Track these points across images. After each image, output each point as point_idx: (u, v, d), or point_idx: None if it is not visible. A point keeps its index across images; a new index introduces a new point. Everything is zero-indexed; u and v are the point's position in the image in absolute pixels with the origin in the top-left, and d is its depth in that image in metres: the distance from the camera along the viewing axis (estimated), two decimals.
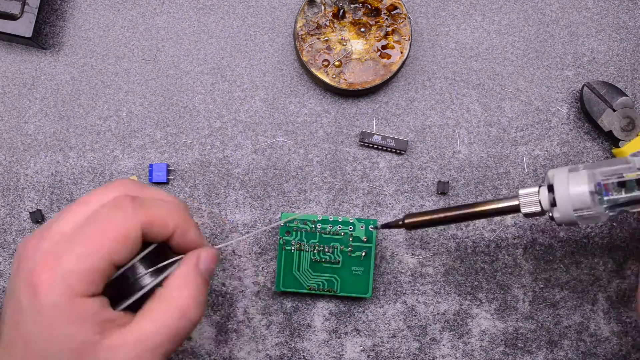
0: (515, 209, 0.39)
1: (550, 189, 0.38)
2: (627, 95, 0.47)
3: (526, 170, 0.48)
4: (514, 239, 0.48)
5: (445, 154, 0.48)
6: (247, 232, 0.47)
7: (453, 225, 0.48)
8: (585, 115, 0.48)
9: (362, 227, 0.46)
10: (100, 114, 0.48)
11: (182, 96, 0.48)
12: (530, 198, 0.39)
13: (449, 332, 0.47)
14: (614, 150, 0.47)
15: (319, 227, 0.46)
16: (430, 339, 0.47)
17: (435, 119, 0.49)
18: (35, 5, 0.45)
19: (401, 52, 0.47)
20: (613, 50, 0.49)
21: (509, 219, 0.48)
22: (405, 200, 0.48)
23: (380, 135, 0.48)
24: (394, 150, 0.48)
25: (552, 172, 0.39)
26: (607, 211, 0.38)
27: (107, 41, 0.49)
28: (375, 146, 0.48)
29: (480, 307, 0.48)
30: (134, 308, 0.35)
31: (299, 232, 0.46)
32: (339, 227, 0.46)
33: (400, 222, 0.42)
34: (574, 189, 0.37)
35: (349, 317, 0.47)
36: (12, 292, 0.34)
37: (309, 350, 0.47)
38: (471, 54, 0.49)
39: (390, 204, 0.48)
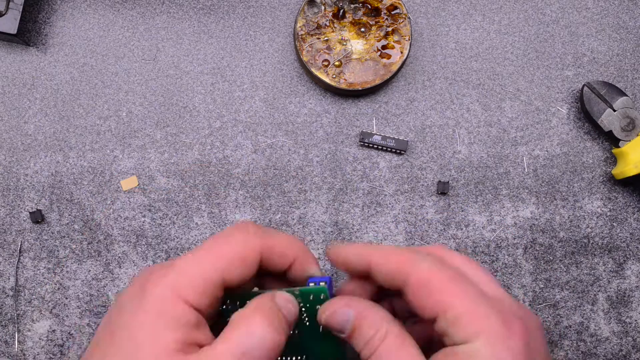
0: None
1: None
2: (627, 95, 0.47)
3: (526, 170, 0.48)
4: (514, 239, 0.48)
5: (445, 154, 0.49)
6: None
7: (453, 225, 0.48)
8: (585, 115, 0.48)
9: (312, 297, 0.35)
10: (100, 114, 0.48)
11: (182, 96, 0.49)
12: None
13: None
14: (614, 150, 0.47)
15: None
16: None
17: (435, 119, 0.49)
18: (20, 2, 0.45)
19: (401, 52, 0.47)
20: (613, 50, 0.49)
21: (508, 219, 0.48)
22: (405, 200, 0.48)
23: (380, 135, 0.48)
24: (394, 150, 0.48)
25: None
26: None
27: (107, 41, 0.49)
28: (375, 146, 0.48)
29: None
30: None
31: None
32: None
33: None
34: None
35: None
36: (117, 299, 0.34)
37: None
38: (471, 54, 0.49)
39: (390, 204, 0.48)
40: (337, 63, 0.47)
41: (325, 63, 0.47)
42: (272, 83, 0.49)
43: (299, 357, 0.37)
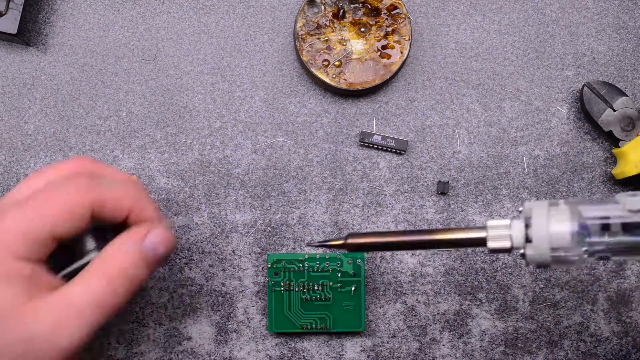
0: (481, 242, 0.34)
1: (526, 224, 0.34)
2: (627, 95, 0.47)
3: (526, 170, 0.48)
4: None
5: (445, 154, 0.48)
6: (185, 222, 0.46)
7: (453, 225, 0.48)
8: (585, 115, 0.48)
9: (349, 262, 0.46)
10: (100, 114, 0.48)
11: (182, 96, 0.48)
12: (500, 232, 0.34)
13: (449, 332, 0.47)
14: (614, 150, 0.47)
15: (306, 265, 0.45)
16: (430, 339, 0.47)
17: (435, 119, 0.49)
18: (20, 2, 0.45)
19: (401, 52, 0.47)
20: (613, 50, 0.49)
21: (508, 219, 0.48)
22: (405, 200, 0.48)
23: (380, 135, 0.48)
24: (394, 150, 0.48)
25: (529, 205, 0.34)
26: (585, 255, 0.33)
27: (107, 41, 0.49)
28: (375, 146, 0.48)
29: (480, 307, 0.48)
30: None
31: (287, 273, 0.46)
32: (327, 264, 0.46)
33: (342, 242, 0.38)
34: (555, 226, 0.32)
35: None
36: None
37: (309, 350, 0.47)
38: (471, 54, 0.49)
39: (390, 204, 0.48)
40: (337, 63, 0.47)
41: (325, 63, 0.47)
42: (272, 83, 0.49)
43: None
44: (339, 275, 0.45)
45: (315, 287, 0.46)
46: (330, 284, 0.46)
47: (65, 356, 0.33)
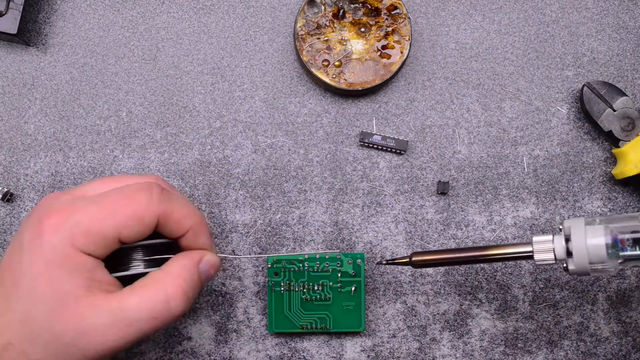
0: (529, 256, 0.39)
1: (566, 239, 0.38)
2: (627, 95, 0.47)
3: (526, 170, 0.48)
4: (514, 239, 0.48)
5: (445, 154, 0.48)
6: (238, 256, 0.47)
7: (453, 225, 0.48)
8: (585, 115, 0.48)
9: (349, 262, 0.46)
10: (100, 114, 0.48)
11: (182, 96, 0.48)
12: (545, 245, 0.39)
13: (449, 332, 0.47)
14: (614, 150, 0.47)
15: (306, 265, 0.45)
16: (430, 339, 0.47)
17: (435, 119, 0.49)
18: (20, 2, 0.45)
19: (401, 52, 0.47)
20: (613, 50, 0.49)
21: (508, 219, 0.48)
22: (405, 200, 0.48)
23: (380, 135, 0.48)
24: (394, 150, 0.48)
25: (568, 223, 0.38)
26: (620, 266, 0.38)
27: (107, 41, 0.49)
28: (375, 146, 0.48)
29: (480, 307, 0.48)
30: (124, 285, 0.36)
31: (287, 273, 0.46)
32: (327, 264, 0.46)
33: (407, 259, 0.41)
34: (592, 241, 0.37)
35: None
36: (18, 233, 0.35)
37: (309, 350, 0.47)
38: (471, 54, 0.49)
39: (390, 204, 0.48)
40: (337, 63, 0.47)
41: (325, 63, 0.47)
42: (272, 83, 0.49)
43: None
44: (339, 275, 0.46)
45: (315, 287, 0.46)
46: (330, 284, 0.46)
47: (106, 355, 0.35)
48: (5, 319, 0.34)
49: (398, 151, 0.48)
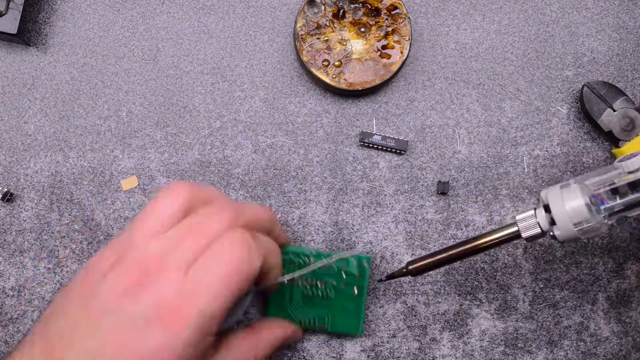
0: (516, 236, 0.39)
1: (547, 209, 0.38)
2: (627, 95, 0.47)
3: (526, 170, 0.48)
4: None
5: (445, 154, 0.48)
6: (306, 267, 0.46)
7: (453, 225, 0.48)
8: (585, 115, 0.48)
9: (355, 263, 0.45)
10: (100, 114, 0.48)
11: (182, 96, 0.49)
12: (529, 221, 0.39)
13: (449, 332, 0.47)
14: (614, 150, 0.47)
15: (312, 261, 0.45)
16: (430, 339, 0.47)
17: (435, 119, 0.49)
18: (20, 2, 0.46)
19: (401, 52, 0.47)
20: (613, 50, 0.49)
21: (508, 219, 0.48)
22: (405, 200, 0.48)
23: (380, 135, 0.48)
24: (394, 150, 0.48)
25: (544, 192, 0.39)
26: (606, 220, 0.38)
27: (107, 41, 0.49)
28: (375, 146, 0.48)
29: (480, 307, 0.48)
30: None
31: (292, 266, 0.45)
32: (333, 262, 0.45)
33: (404, 270, 0.42)
34: (570, 203, 0.37)
35: None
36: (122, 309, 0.33)
37: (309, 350, 0.47)
38: (471, 54, 0.49)
39: (390, 204, 0.48)
40: (337, 63, 0.47)
41: (325, 63, 0.47)
42: (272, 83, 0.49)
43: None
44: (344, 275, 0.45)
45: (318, 284, 0.45)
46: (334, 282, 0.46)
47: None
48: None
49: (398, 151, 0.48)
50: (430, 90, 0.49)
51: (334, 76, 0.47)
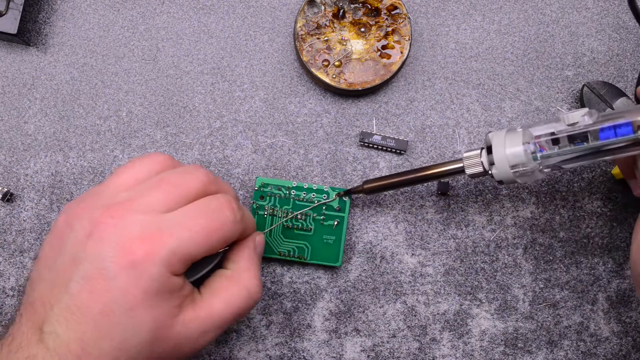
0: (461, 170, 0.42)
1: (490, 150, 0.41)
2: (627, 95, 0.47)
3: None
4: (514, 239, 0.48)
5: (445, 154, 0.48)
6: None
7: (453, 225, 0.48)
8: None
9: (335, 196, 0.46)
10: (100, 114, 0.48)
11: (182, 96, 0.49)
12: (473, 160, 0.41)
13: (449, 332, 0.47)
14: None
15: (293, 193, 0.46)
16: (430, 339, 0.47)
17: (435, 119, 0.49)
18: (20, 2, 0.46)
19: (401, 52, 0.47)
20: (613, 50, 0.49)
21: (508, 219, 0.48)
22: (405, 200, 0.48)
23: (380, 135, 0.48)
24: (394, 150, 0.48)
25: (491, 135, 0.41)
26: (541, 167, 0.40)
27: (107, 41, 0.49)
28: (375, 146, 0.48)
29: (480, 307, 0.48)
30: (196, 283, 0.38)
31: (272, 198, 0.46)
32: (313, 194, 0.46)
33: (360, 188, 0.45)
34: (510, 147, 0.40)
35: (349, 317, 0.47)
36: (88, 254, 0.34)
37: (309, 350, 0.47)
38: (471, 54, 0.49)
39: (390, 204, 0.48)
40: (337, 63, 0.47)
41: (325, 63, 0.47)
42: (272, 83, 0.49)
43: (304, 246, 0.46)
44: (324, 208, 0.46)
45: (298, 216, 0.46)
46: (314, 215, 0.46)
47: (194, 354, 0.37)
48: (99, 347, 0.33)
49: (398, 151, 0.48)
50: (430, 90, 0.49)
51: (334, 76, 0.47)
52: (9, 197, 0.47)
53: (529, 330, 0.48)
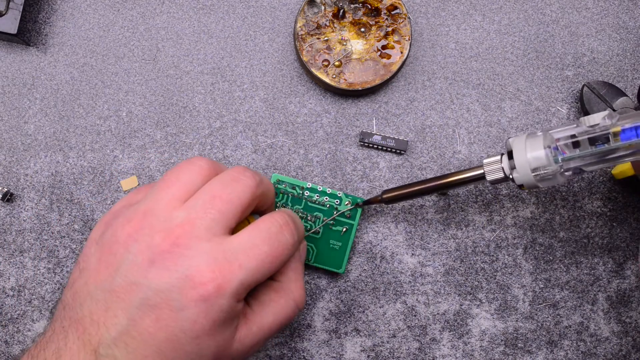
0: (481, 177, 0.42)
1: (510, 155, 0.40)
2: (627, 95, 0.47)
3: None
4: (514, 239, 0.48)
5: (445, 154, 0.49)
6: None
7: (453, 225, 0.48)
8: (585, 115, 0.48)
9: (347, 202, 0.46)
10: (100, 114, 0.48)
11: (182, 96, 0.49)
12: (494, 166, 0.41)
13: (449, 332, 0.47)
14: None
15: (306, 194, 0.46)
16: (430, 339, 0.47)
17: (435, 119, 0.49)
18: (20, 2, 0.46)
19: (401, 52, 0.47)
20: (613, 50, 0.49)
21: (508, 219, 0.48)
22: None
23: (380, 135, 0.48)
24: (394, 150, 0.48)
25: (511, 140, 0.41)
26: (562, 170, 0.40)
27: (107, 41, 0.49)
28: (375, 146, 0.48)
29: (480, 307, 0.48)
30: None
31: (286, 195, 0.46)
32: (326, 198, 0.46)
33: (379, 198, 0.44)
34: (532, 151, 0.39)
35: (349, 317, 0.47)
36: (152, 283, 0.33)
37: (309, 350, 0.47)
38: (471, 54, 0.49)
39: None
40: (337, 63, 0.47)
41: (325, 63, 0.47)
42: (272, 83, 0.49)
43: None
44: (335, 213, 0.46)
45: (309, 218, 0.46)
46: (324, 218, 0.46)
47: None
48: None
49: (398, 151, 0.48)
50: (430, 90, 0.49)
51: (334, 76, 0.47)
52: (9, 197, 0.47)
53: (529, 330, 0.48)
